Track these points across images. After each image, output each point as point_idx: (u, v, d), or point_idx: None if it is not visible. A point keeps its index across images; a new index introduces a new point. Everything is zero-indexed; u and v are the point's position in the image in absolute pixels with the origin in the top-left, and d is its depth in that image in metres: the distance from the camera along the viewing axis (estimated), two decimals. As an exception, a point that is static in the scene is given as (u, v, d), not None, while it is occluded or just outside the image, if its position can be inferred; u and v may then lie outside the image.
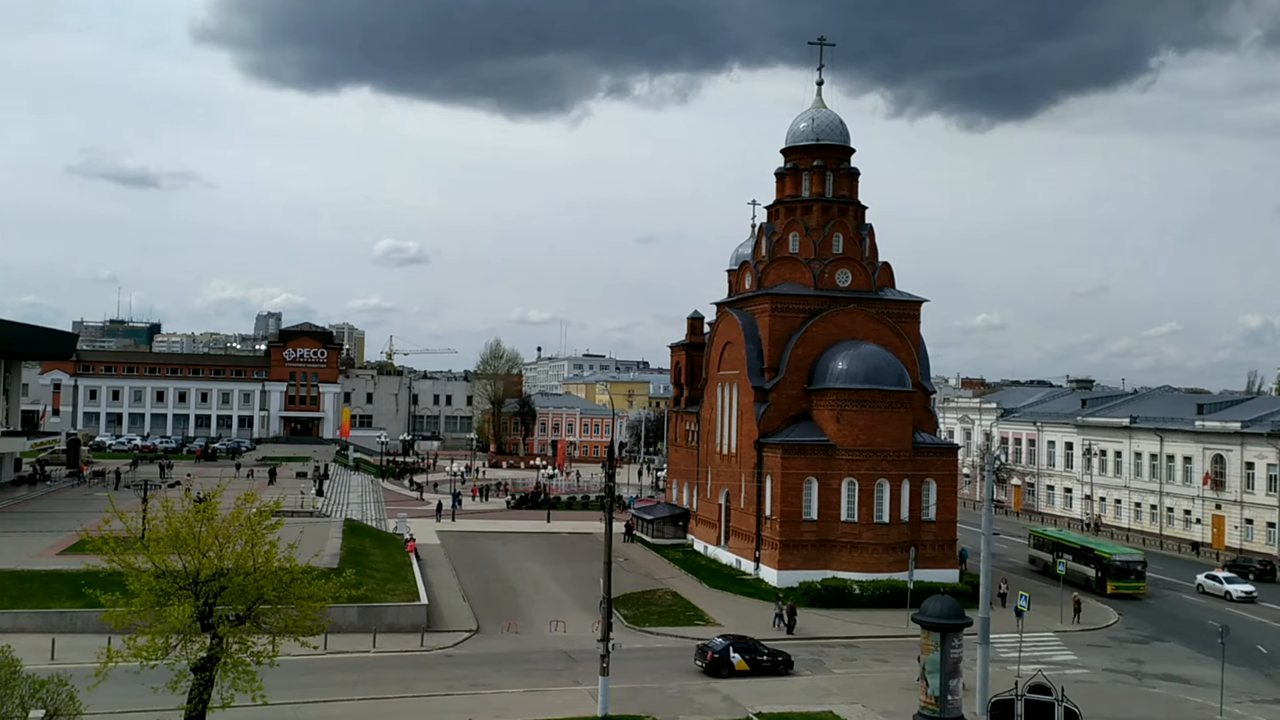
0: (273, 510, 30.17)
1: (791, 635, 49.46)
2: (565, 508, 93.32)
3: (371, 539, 66.43)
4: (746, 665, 42.57)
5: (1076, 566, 63.76)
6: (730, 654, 42.68)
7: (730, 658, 42.57)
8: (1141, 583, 62.90)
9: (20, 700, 26.66)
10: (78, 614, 41.94)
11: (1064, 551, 65.90)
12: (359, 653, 42.91)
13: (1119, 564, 62.53)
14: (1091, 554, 64.70)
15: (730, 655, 42.62)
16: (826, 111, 70.41)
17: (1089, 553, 64.99)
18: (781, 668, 43.18)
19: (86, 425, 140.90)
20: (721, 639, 43.91)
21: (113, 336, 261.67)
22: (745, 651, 43.09)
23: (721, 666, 42.32)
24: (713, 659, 42.52)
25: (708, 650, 43.00)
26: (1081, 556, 64.92)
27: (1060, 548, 67.43)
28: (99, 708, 28.98)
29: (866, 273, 67.25)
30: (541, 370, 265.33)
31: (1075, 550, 66.00)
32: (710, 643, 43.59)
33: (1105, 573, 62.55)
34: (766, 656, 43.30)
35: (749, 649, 43.33)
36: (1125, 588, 62.00)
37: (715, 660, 42.48)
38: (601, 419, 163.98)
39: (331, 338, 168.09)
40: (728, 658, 42.57)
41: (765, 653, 43.46)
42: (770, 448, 62.58)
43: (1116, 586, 61.49)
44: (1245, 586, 63.64)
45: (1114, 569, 62.22)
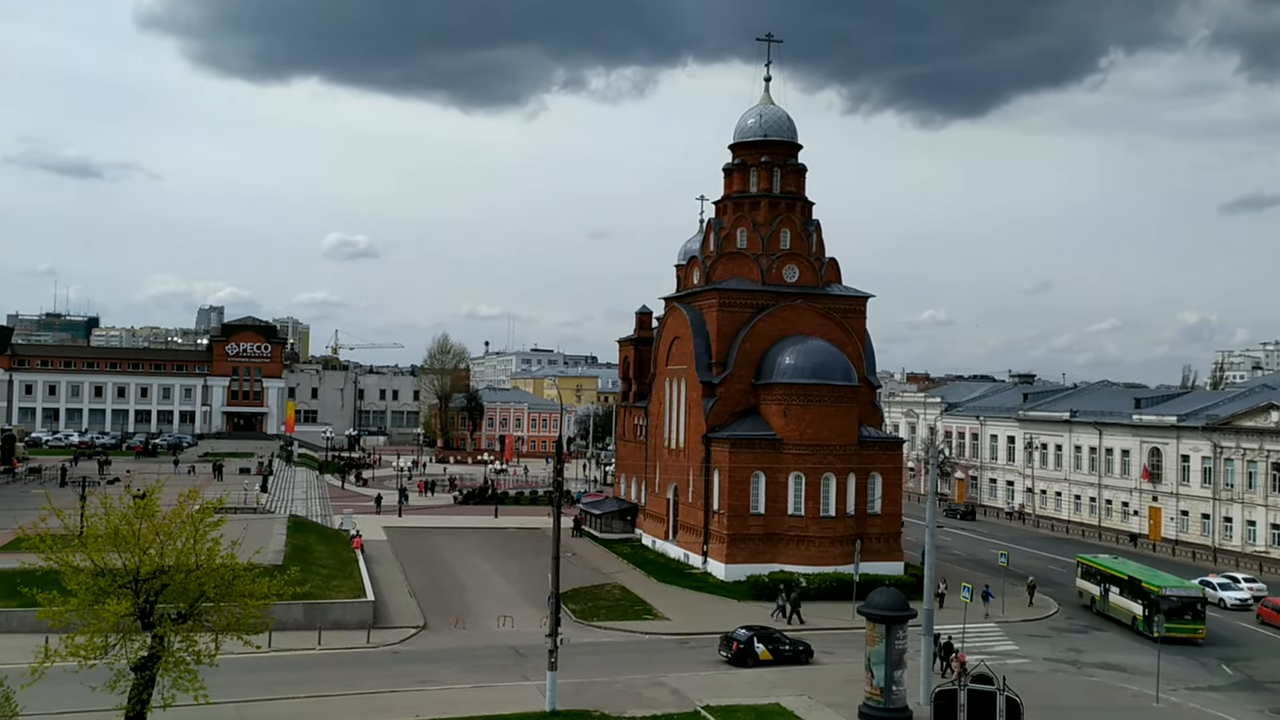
0: (215, 507, 29.64)
1: (793, 625, 49.97)
2: (513, 503, 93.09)
3: (317, 535, 65.76)
4: (770, 655, 43.48)
5: (1123, 602, 54.05)
6: (755, 644, 43.63)
7: (755, 647, 43.52)
8: (1200, 625, 50.47)
9: (-47, 702, 26.09)
10: (13, 613, 41.05)
11: (1109, 583, 55.99)
12: (304, 650, 42.45)
13: (1171, 600, 50.09)
14: (1139, 586, 52.67)
15: (755, 645, 43.59)
16: (774, 108, 70.84)
17: (1136, 585, 52.93)
18: (803, 656, 44.14)
19: (22, 421, 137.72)
20: (745, 630, 44.84)
21: (49, 330, 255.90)
22: (768, 641, 44.06)
23: (747, 656, 43.27)
24: (738, 649, 43.41)
25: (733, 640, 43.81)
26: (1129, 589, 53.61)
27: (1106, 578, 56.72)
28: (36, 708, 28.42)
29: (813, 268, 67.82)
30: (489, 365, 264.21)
31: (1122, 582, 54.57)
32: (734, 633, 44.47)
33: (1153, 610, 50.25)
34: (788, 646, 44.27)
35: (772, 639, 44.30)
36: (1179, 630, 49.18)
37: (741, 650, 43.38)
38: (550, 414, 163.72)
39: (275, 332, 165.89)
40: (752, 648, 43.49)
41: (787, 643, 44.46)
42: (718, 442, 62.88)
43: (1168, 629, 47.72)
44: (1239, 594, 60.98)
45: (1164, 606, 49.73)
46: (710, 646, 46.25)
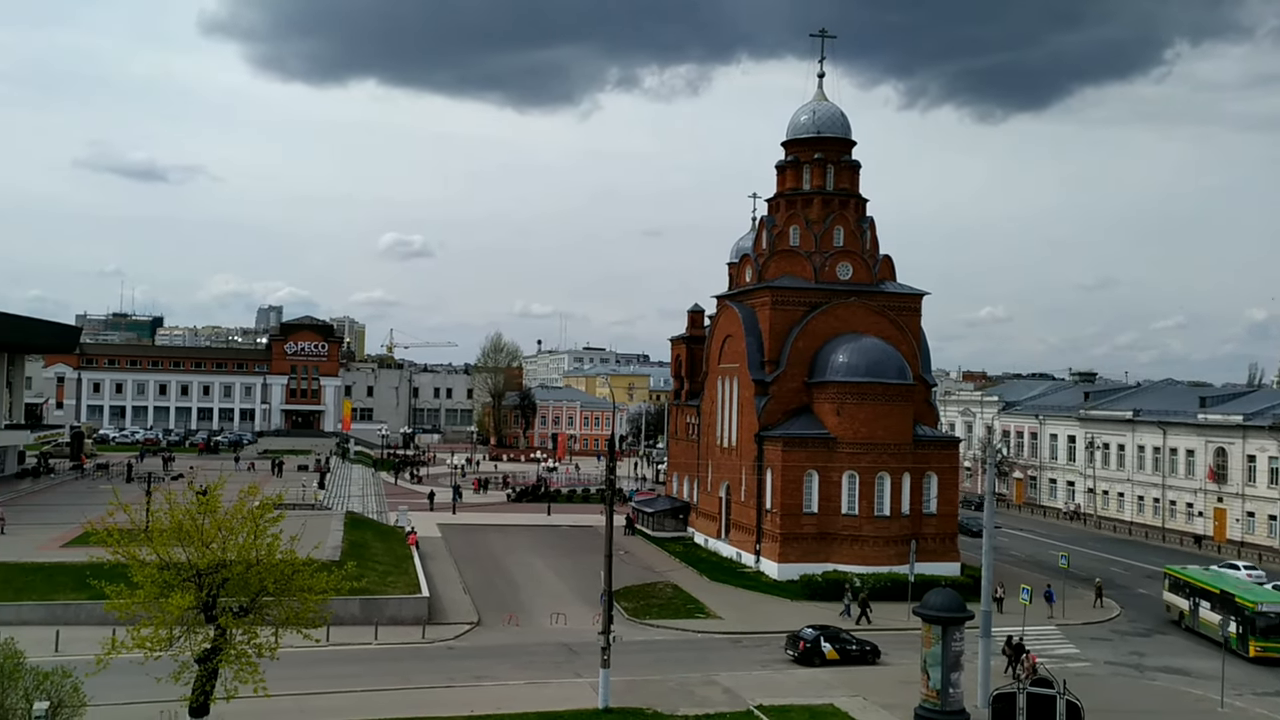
0: (275, 503, 30.17)
1: (864, 625, 49.76)
2: (565, 501, 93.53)
3: (373, 532, 66.56)
4: (837, 654, 43.32)
5: (1214, 618, 48.79)
6: (821, 643, 43.52)
7: (821, 647, 43.42)
8: None
9: (25, 692, 26.79)
10: (82, 606, 42.06)
11: (1200, 596, 51.87)
12: (361, 645, 43.05)
13: (1269, 616, 46.28)
14: (1231, 601, 48.37)
15: (821, 645, 43.48)
16: (828, 104, 70.36)
17: (1229, 600, 48.63)
18: (870, 657, 43.86)
19: (90, 418, 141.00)
20: (811, 629, 44.73)
21: (116, 330, 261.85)
22: (835, 641, 43.93)
23: (814, 655, 43.19)
24: (805, 648, 43.37)
25: (799, 640, 43.76)
26: (1221, 604, 49.13)
27: (1196, 591, 52.48)
28: (103, 699, 29.08)
29: (867, 266, 67.27)
30: (542, 363, 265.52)
31: (1214, 596, 50.26)
32: (801, 632, 44.42)
33: (1247, 627, 46.51)
34: (855, 646, 44.03)
35: (838, 638, 44.14)
36: (1275, 649, 46.01)
37: (808, 650, 43.33)
38: (602, 412, 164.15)
39: (332, 331, 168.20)
40: (819, 647, 43.40)
41: (854, 642, 44.23)
42: (771, 441, 62.63)
43: (1262, 647, 45.51)
44: None
45: (1258, 623, 46.25)
46: (764, 646, 46.15)
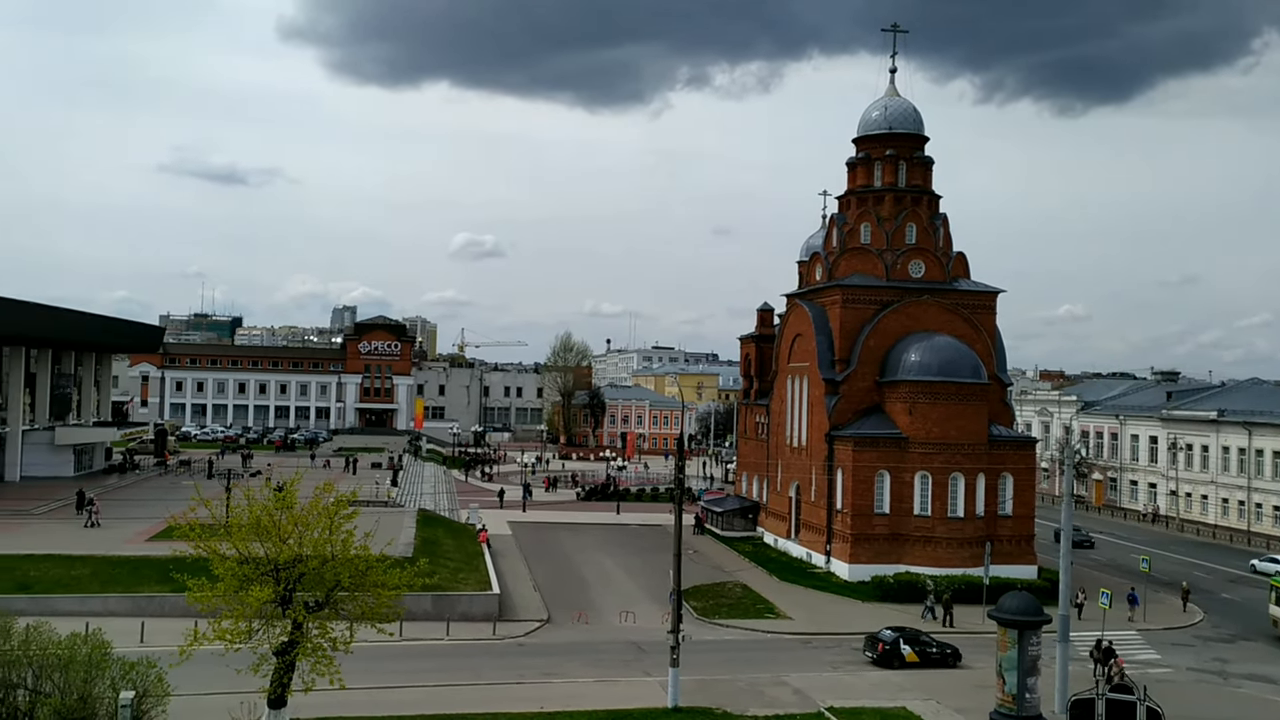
0: (349, 500, 30.65)
1: (947, 628, 49.11)
2: (634, 499, 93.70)
3: (445, 529, 67.34)
4: (916, 657, 42.81)
5: None
6: (901, 645, 43.00)
7: (901, 649, 42.90)
8: None
9: (111, 681, 27.58)
10: (165, 598, 43.17)
11: None
12: (433, 640, 43.57)
13: None
14: None
15: (901, 647, 42.95)
16: (900, 100, 69.43)
17: None
18: (950, 660, 43.26)
19: (172, 416, 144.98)
20: (890, 631, 44.19)
21: (197, 330, 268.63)
22: (914, 643, 43.37)
23: (893, 658, 42.68)
24: (884, 650, 42.88)
25: (878, 641, 43.31)
26: None
27: None
28: (186, 689, 29.81)
29: (940, 263, 66.26)
30: (611, 362, 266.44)
31: None
32: (879, 634, 43.94)
33: None
34: (935, 649, 43.46)
35: (917, 640, 43.58)
36: None
37: (887, 652, 42.82)
38: (671, 411, 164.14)
39: (405, 331, 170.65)
40: (898, 649, 42.89)
41: (934, 645, 43.65)
42: (841, 440, 62.03)
43: None
44: None
45: None
46: (835, 647, 45.74)
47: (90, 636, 28.51)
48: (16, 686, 27.18)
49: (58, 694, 26.98)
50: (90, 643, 28.08)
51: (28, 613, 35.37)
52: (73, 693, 27.02)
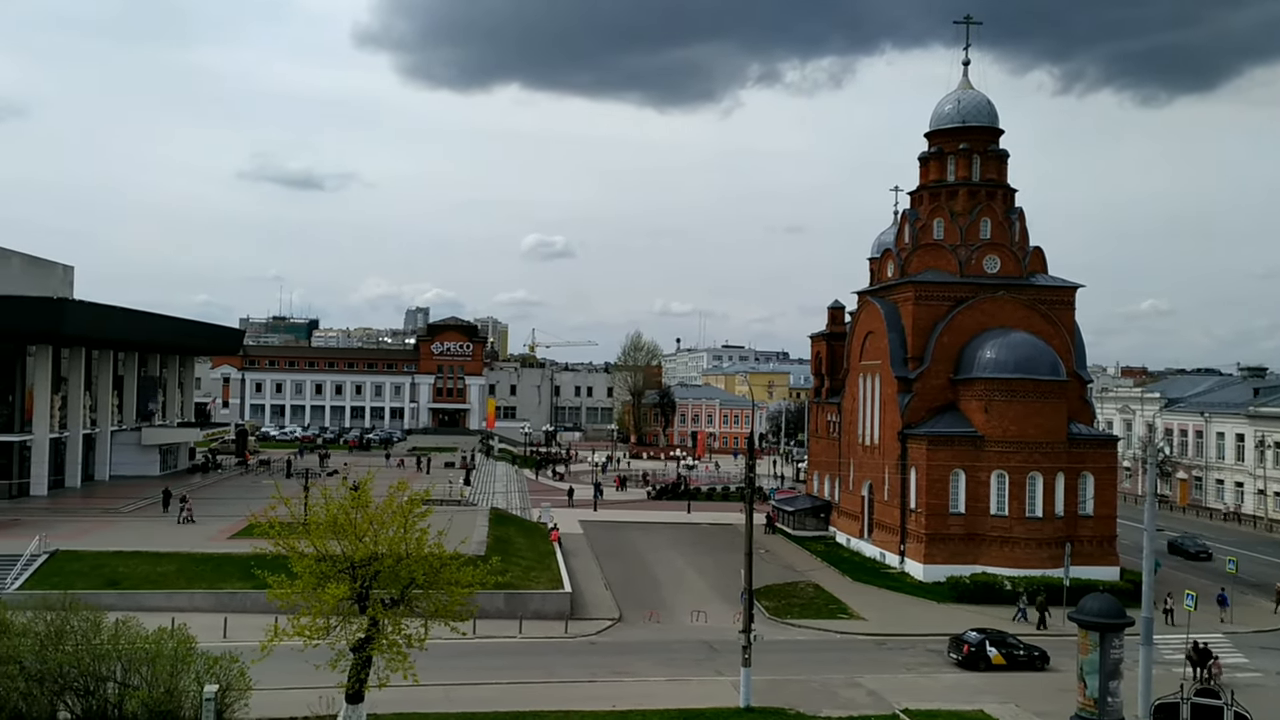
0: (423, 499, 31.05)
1: (1040, 630, 48.40)
2: (705, 498, 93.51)
3: (516, 527, 67.87)
4: (1003, 659, 42.15)
5: None
6: (986, 647, 42.37)
7: (986, 651, 42.27)
8: None
9: (196, 675, 28.38)
10: (247, 594, 44.24)
11: None
12: (505, 638, 43.96)
13: None
14: None
15: (986, 649, 42.32)
16: (973, 92, 68.24)
17: None
18: (1038, 662, 42.49)
19: (252, 417, 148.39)
20: (976, 632, 43.56)
21: (275, 332, 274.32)
22: (1001, 645, 42.70)
23: (979, 660, 42.07)
24: (969, 652, 42.30)
25: (963, 643, 42.74)
26: None
27: None
28: (267, 684, 30.51)
29: (1016, 258, 64.98)
30: (681, 362, 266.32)
31: None
32: (965, 635, 43.36)
33: None
34: (1023, 651, 42.71)
35: (1004, 643, 42.88)
36: None
37: (972, 654, 42.23)
38: (741, 410, 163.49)
39: (476, 331, 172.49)
40: (984, 651, 42.28)
41: (1021, 647, 42.91)
42: (915, 439, 61.19)
43: None
44: None
45: None
46: (909, 649, 45.15)
47: (176, 631, 29.38)
48: (106, 679, 28.10)
49: (145, 687, 27.84)
50: (176, 637, 28.95)
51: (117, 608, 36.49)
52: (159, 686, 27.86)
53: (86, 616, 28.70)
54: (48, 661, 27.48)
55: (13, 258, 79.74)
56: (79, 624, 28.41)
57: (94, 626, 28.52)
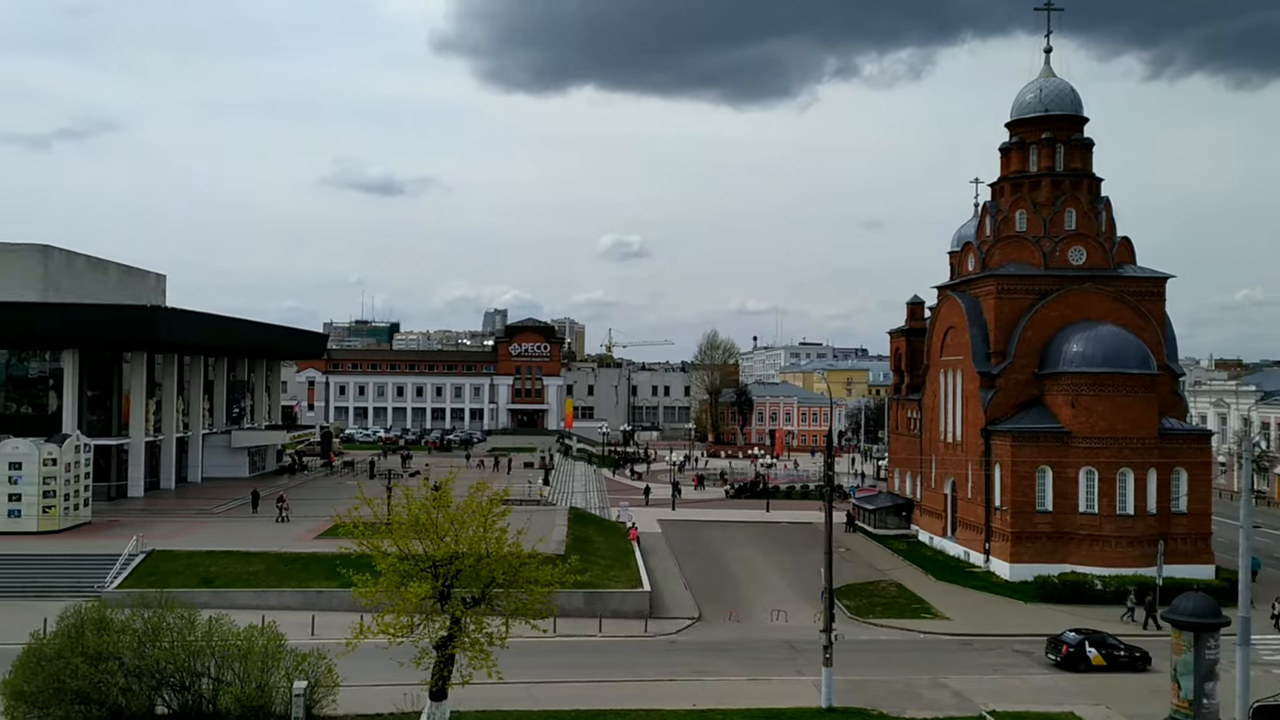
0: (502, 498, 31.37)
1: (1148, 631, 47.30)
2: (784, 497, 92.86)
3: (595, 526, 68.22)
4: (1103, 660, 41.30)
5: None
6: (1086, 648, 41.58)
7: (1086, 652, 41.47)
8: None
9: (286, 672, 29.10)
10: (334, 593, 45.21)
11: None
12: (585, 637, 44.20)
13: None
14: None
15: (1086, 649, 41.53)
16: (1056, 80, 66.63)
17: None
18: (1139, 663, 41.55)
19: (336, 419, 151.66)
20: (1074, 633, 42.73)
21: (358, 336, 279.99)
22: (1100, 646, 41.84)
23: (1078, 661, 41.27)
24: (1068, 653, 41.54)
25: (1062, 644, 42.00)
26: None
27: None
28: (354, 680, 31.13)
29: (1103, 249, 63.29)
30: (758, 360, 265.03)
31: None
32: (1063, 636, 42.58)
33: None
34: (1124, 651, 41.81)
35: (1104, 643, 42.02)
36: None
37: (1071, 655, 41.44)
38: (819, 408, 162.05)
39: (554, 332, 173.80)
40: (1083, 652, 41.48)
41: (1122, 648, 42.01)
42: (999, 436, 60.00)
43: None
44: None
45: None
46: (996, 649, 44.31)
47: (266, 629, 30.12)
48: (201, 675, 28.97)
49: (238, 683, 28.64)
50: (266, 635, 29.70)
51: (210, 606, 37.60)
52: (251, 682, 28.63)
53: (181, 614, 29.61)
54: (145, 658, 28.41)
55: (109, 268, 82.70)
56: (174, 621, 29.32)
57: (188, 624, 29.42)
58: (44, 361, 70.13)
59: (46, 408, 68.92)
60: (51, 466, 56.45)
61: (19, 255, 73.04)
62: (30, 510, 55.76)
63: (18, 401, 69.81)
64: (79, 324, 66.48)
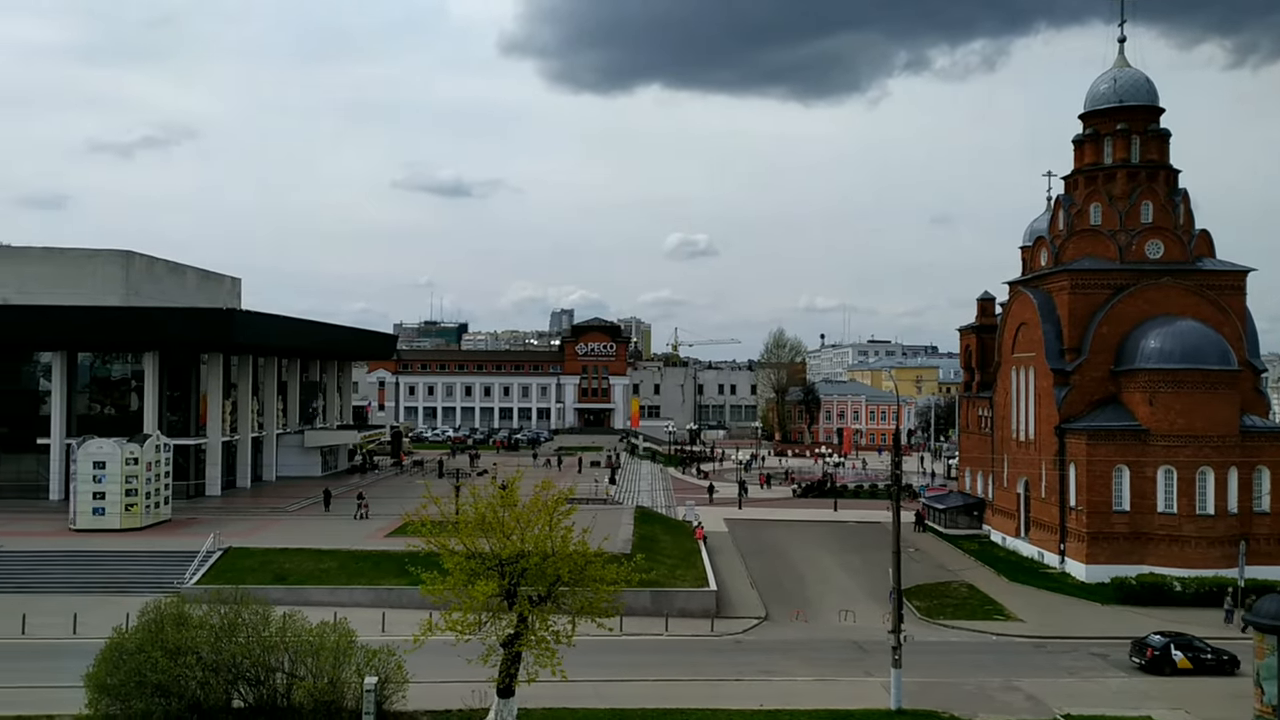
0: (567, 497, 31.51)
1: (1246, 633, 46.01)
2: (852, 496, 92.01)
3: (661, 526, 68.20)
4: (1189, 664, 40.36)
5: None
6: (1172, 651, 40.68)
7: (1172, 655, 40.57)
8: None
9: (357, 668, 29.55)
10: (403, 591, 45.81)
11: None
12: (652, 636, 44.20)
13: None
14: None
15: (1172, 653, 40.63)
16: (1130, 70, 65.03)
17: None
18: (1227, 667, 40.55)
19: (406, 419, 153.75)
20: (1160, 636, 41.76)
21: (427, 337, 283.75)
22: (1187, 649, 40.91)
23: (1163, 664, 40.40)
24: (1153, 656, 40.69)
25: (1147, 647, 41.16)
26: None
27: None
28: (423, 677, 31.52)
29: (1181, 242, 61.61)
30: (825, 358, 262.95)
31: None
32: (1148, 639, 41.71)
33: None
34: (1211, 655, 40.83)
35: (1190, 646, 41.09)
36: None
37: (1156, 658, 40.59)
38: (888, 406, 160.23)
39: (619, 331, 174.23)
40: (1169, 655, 40.58)
41: (1209, 651, 41.02)
42: (1073, 434, 58.74)
43: None
44: None
45: None
46: (1071, 652, 43.39)
47: (337, 625, 30.63)
48: (275, 670, 29.55)
49: (310, 678, 29.15)
50: (337, 631, 30.19)
51: (284, 602, 38.41)
52: (323, 677, 29.13)
53: (256, 610, 30.22)
54: (222, 652, 29.06)
55: (187, 272, 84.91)
56: (249, 617, 29.92)
57: (263, 620, 30.01)
58: (126, 364, 72.21)
59: (128, 408, 70.96)
60: (133, 466, 58.07)
61: (102, 261, 75.47)
62: (114, 508, 57.43)
63: (101, 403, 71.96)
64: (159, 327, 68.37)
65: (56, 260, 75.39)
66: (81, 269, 74.82)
